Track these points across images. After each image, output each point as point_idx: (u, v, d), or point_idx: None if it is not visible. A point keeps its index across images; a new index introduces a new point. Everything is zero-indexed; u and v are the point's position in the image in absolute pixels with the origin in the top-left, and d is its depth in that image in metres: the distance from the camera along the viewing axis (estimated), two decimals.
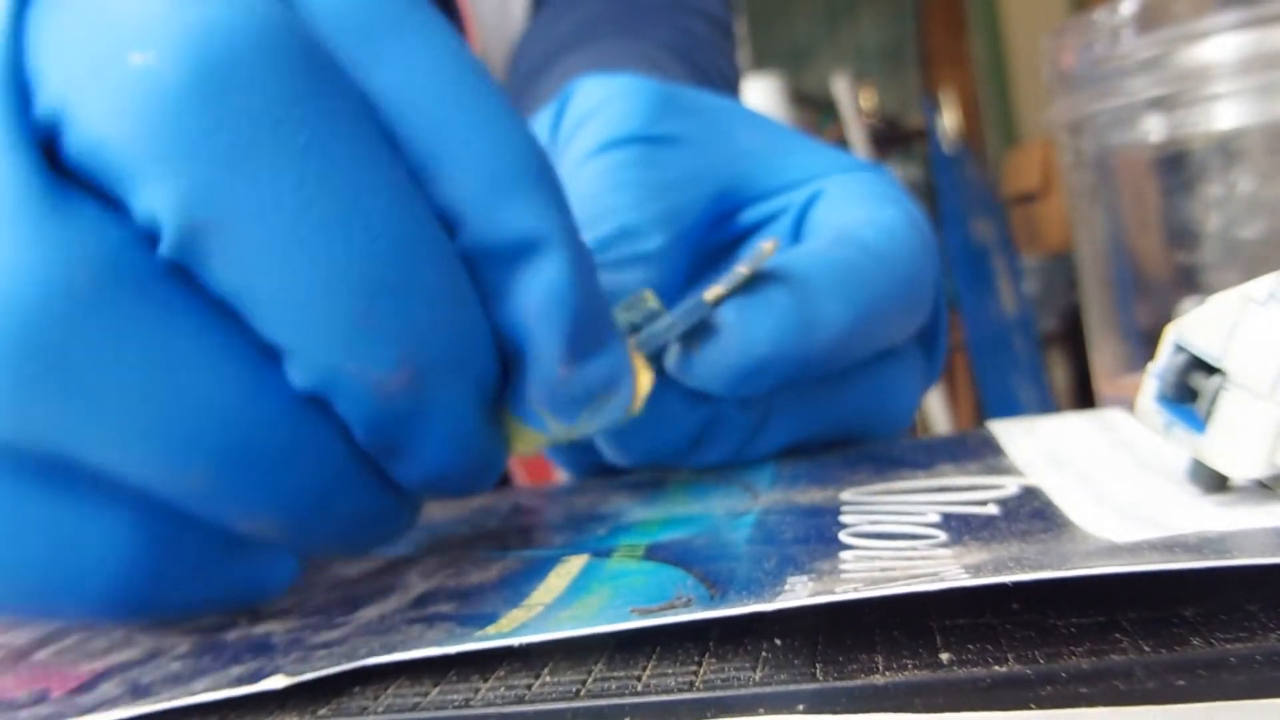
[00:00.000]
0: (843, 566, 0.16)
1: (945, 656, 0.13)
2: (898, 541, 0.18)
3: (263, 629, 0.19)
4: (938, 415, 2.02)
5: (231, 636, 0.19)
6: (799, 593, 0.15)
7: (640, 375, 0.21)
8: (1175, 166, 0.32)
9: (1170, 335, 0.18)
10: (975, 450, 0.24)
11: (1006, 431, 0.26)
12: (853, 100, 2.20)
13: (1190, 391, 0.18)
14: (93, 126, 0.16)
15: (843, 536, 0.18)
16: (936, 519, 0.19)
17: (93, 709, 0.16)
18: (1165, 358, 0.18)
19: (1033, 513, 0.18)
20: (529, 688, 0.14)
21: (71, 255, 0.16)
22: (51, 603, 0.18)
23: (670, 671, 0.14)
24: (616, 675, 0.14)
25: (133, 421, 0.16)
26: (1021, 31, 3.02)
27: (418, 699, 0.15)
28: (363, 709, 0.15)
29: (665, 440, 0.25)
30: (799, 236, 0.28)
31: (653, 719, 0.14)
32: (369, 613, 0.19)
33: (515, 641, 0.15)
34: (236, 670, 0.16)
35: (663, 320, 0.23)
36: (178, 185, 0.16)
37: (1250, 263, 0.31)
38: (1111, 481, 0.20)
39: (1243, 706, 0.12)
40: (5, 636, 0.22)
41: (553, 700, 0.14)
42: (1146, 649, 0.13)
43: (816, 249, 0.25)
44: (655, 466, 0.26)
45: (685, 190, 0.27)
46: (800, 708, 0.13)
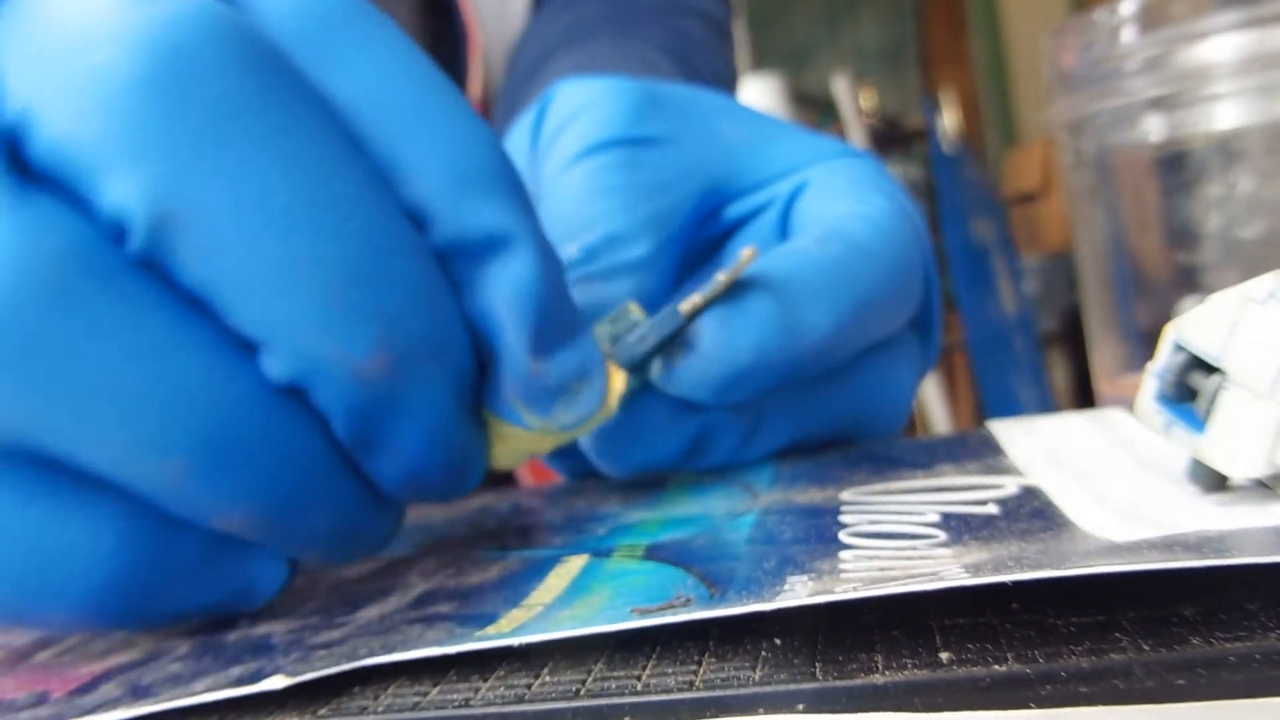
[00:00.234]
0: (842, 566, 0.16)
1: (945, 656, 0.13)
2: (897, 541, 0.18)
3: (263, 629, 0.19)
4: (938, 415, 2.02)
5: (231, 637, 0.19)
6: (799, 592, 0.15)
7: (613, 377, 0.21)
8: (1175, 166, 0.32)
9: (1170, 335, 0.18)
10: (975, 450, 0.24)
11: (1006, 431, 0.26)
12: (853, 100, 2.20)
13: (1190, 391, 0.18)
14: (56, 126, 0.16)
15: (842, 536, 0.18)
16: (936, 519, 0.19)
17: (93, 710, 0.16)
18: (1165, 357, 0.18)
19: (1032, 512, 0.18)
20: (529, 687, 0.14)
21: (39, 248, 0.16)
22: (38, 609, 0.18)
23: (670, 671, 0.14)
24: (616, 675, 0.14)
25: (106, 411, 0.16)
26: (1021, 31, 3.02)
27: (417, 699, 0.15)
28: (363, 709, 0.15)
29: (657, 451, 0.25)
30: (786, 229, 0.28)
31: (652, 719, 0.14)
32: (369, 613, 0.19)
33: (515, 642, 0.15)
34: (236, 671, 0.16)
35: (636, 331, 0.23)
36: (142, 177, 0.16)
37: (1250, 263, 0.31)
38: (1111, 481, 0.20)
39: (1242, 706, 0.12)
40: (5, 638, 0.22)
41: (552, 700, 0.14)
42: (1146, 648, 0.13)
43: (801, 248, 0.25)
44: (646, 473, 0.26)
45: (671, 191, 0.27)
46: (800, 707, 0.13)
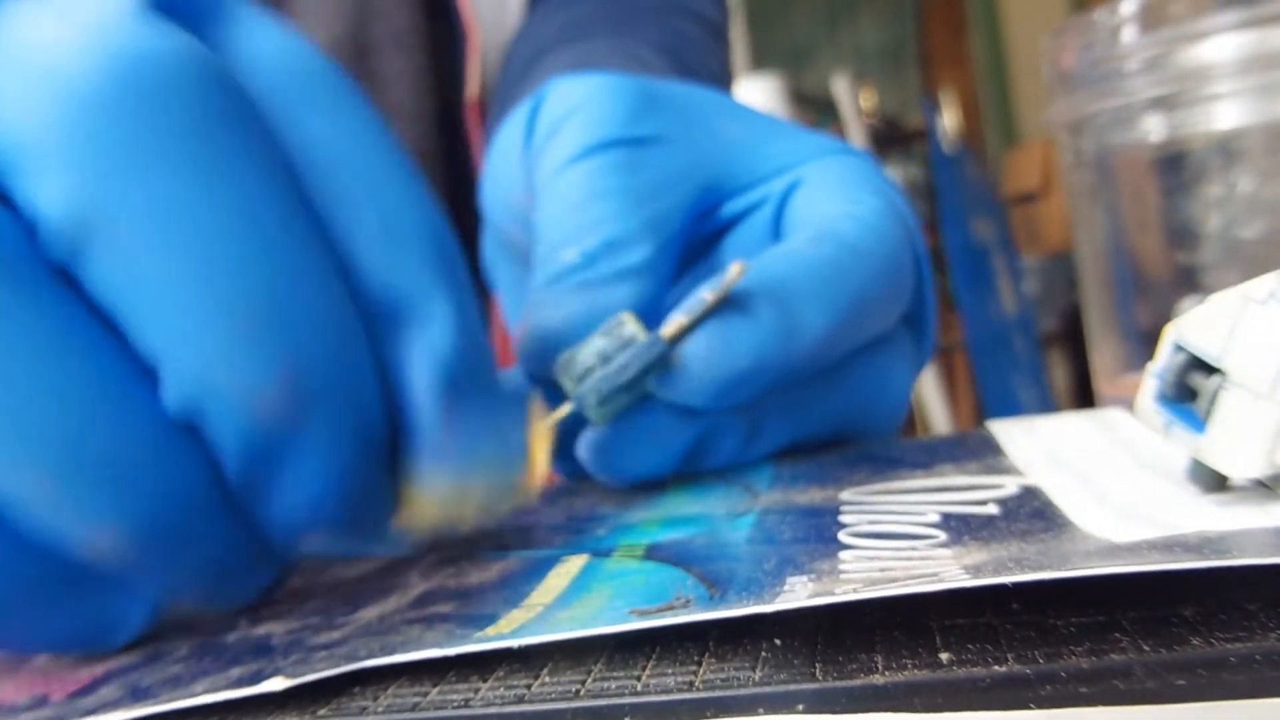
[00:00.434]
0: (842, 566, 0.16)
1: (945, 656, 0.13)
2: (897, 541, 0.18)
3: (262, 630, 0.19)
4: (938, 415, 2.02)
5: (231, 638, 0.19)
6: (799, 593, 0.15)
7: (536, 452, 0.21)
8: (1175, 166, 0.32)
9: (1170, 335, 0.18)
10: (975, 450, 0.24)
11: (1006, 431, 0.26)
12: (853, 100, 2.20)
13: (1190, 391, 0.18)
14: (12, 121, 0.17)
15: (842, 536, 0.18)
16: (936, 519, 0.19)
17: (93, 712, 0.16)
18: (1165, 357, 0.18)
19: (1032, 512, 0.18)
20: (528, 688, 0.14)
21: None
22: None
23: (670, 672, 0.14)
24: (616, 675, 0.14)
25: None
26: (1021, 31, 3.02)
27: (417, 699, 0.15)
28: (362, 709, 0.15)
29: (660, 458, 0.25)
30: (779, 227, 0.28)
31: (652, 719, 0.14)
32: (369, 613, 0.19)
33: (515, 643, 0.15)
34: (236, 672, 0.16)
35: (615, 362, 0.23)
36: (72, 180, 0.16)
37: (1250, 263, 0.31)
38: (1111, 481, 0.20)
39: (1242, 706, 0.12)
40: None
41: (552, 700, 0.14)
42: (1146, 649, 0.13)
43: (794, 249, 0.25)
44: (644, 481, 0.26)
45: (669, 192, 0.26)
46: (800, 708, 0.13)
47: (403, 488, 0.20)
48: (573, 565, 0.19)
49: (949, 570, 0.15)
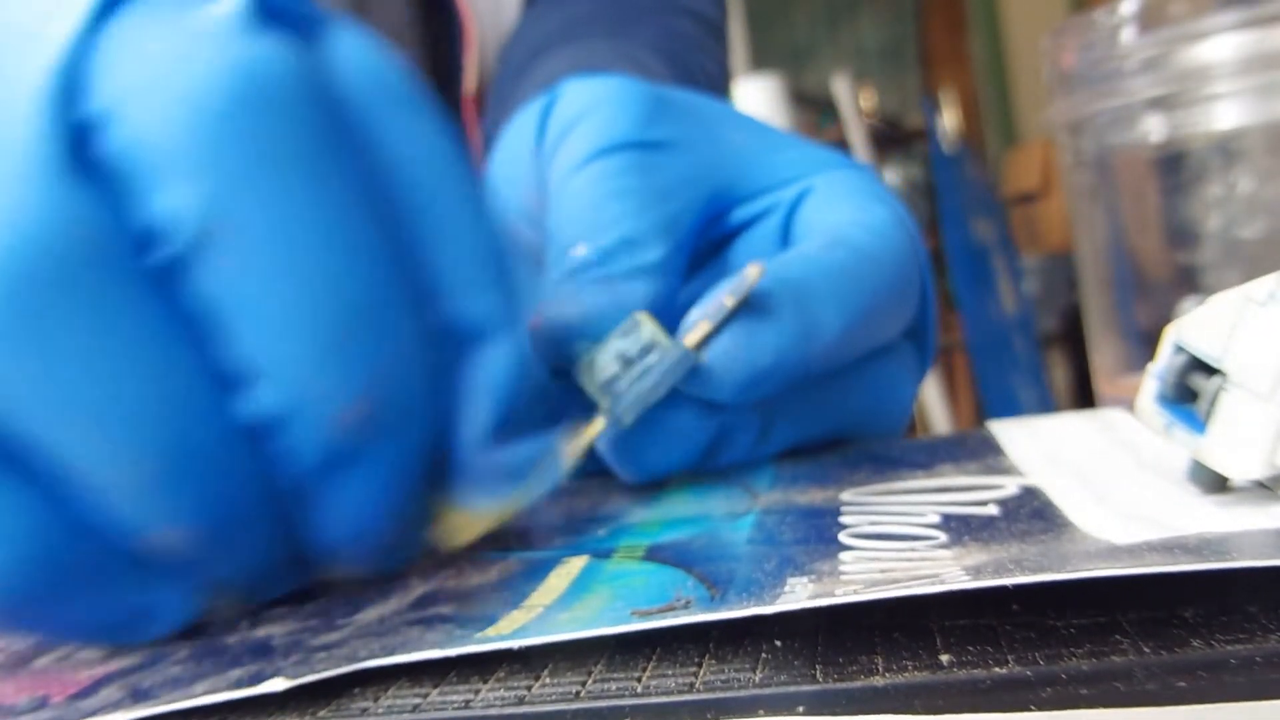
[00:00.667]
0: (842, 567, 0.16)
1: (945, 658, 0.13)
2: (897, 542, 0.18)
3: (263, 631, 0.19)
4: (938, 415, 2.02)
5: (231, 639, 0.19)
6: (799, 594, 0.15)
7: (588, 430, 0.22)
8: (1175, 166, 0.32)
9: (1170, 335, 0.18)
10: (975, 450, 0.24)
11: (1006, 431, 0.26)
12: (853, 100, 2.20)
13: (1190, 392, 0.18)
14: (134, 128, 0.17)
15: (842, 537, 0.18)
16: (936, 519, 0.19)
17: (93, 713, 0.16)
18: (1165, 358, 0.18)
19: (1033, 513, 0.18)
20: (529, 689, 0.14)
21: (68, 231, 0.16)
22: None
23: (670, 673, 0.14)
24: (616, 677, 0.14)
25: (89, 399, 0.17)
26: (1021, 31, 3.02)
27: (418, 700, 0.15)
28: (363, 710, 0.15)
29: (680, 454, 0.25)
30: (788, 234, 0.28)
31: None
32: (369, 614, 0.19)
33: (515, 644, 0.15)
34: (237, 673, 0.16)
35: (639, 367, 0.24)
36: (198, 190, 0.17)
37: (1250, 263, 0.31)
38: (1111, 482, 0.20)
39: (1243, 708, 0.12)
40: (5, 641, 0.22)
41: (553, 702, 0.14)
42: (1147, 650, 0.13)
43: (811, 253, 0.25)
44: (662, 477, 0.26)
45: (681, 195, 0.27)
46: (800, 709, 0.13)
47: (439, 506, 0.20)
48: (573, 566, 0.19)
49: (949, 571, 0.15)
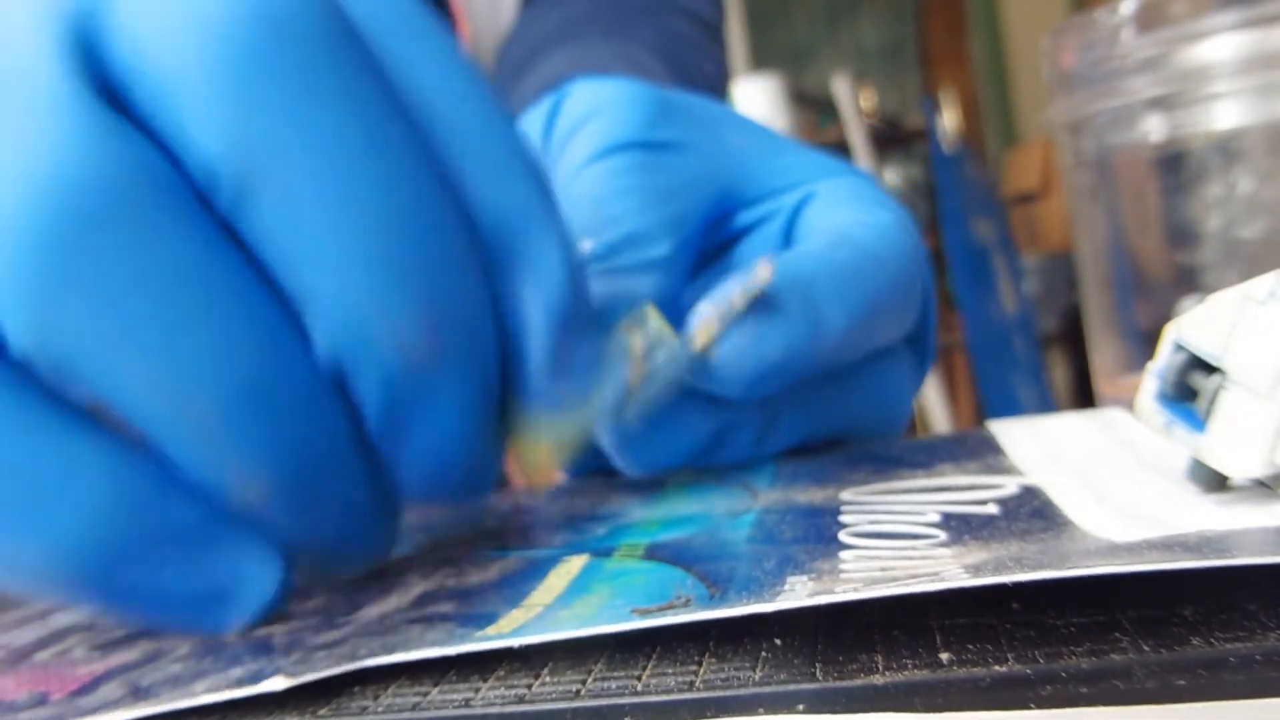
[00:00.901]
0: (842, 566, 0.16)
1: (945, 656, 0.13)
2: (897, 541, 0.18)
3: (263, 630, 0.19)
4: (938, 415, 2.02)
5: (231, 637, 0.19)
6: (799, 592, 0.15)
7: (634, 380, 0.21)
8: (1175, 166, 0.32)
9: (1170, 334, 0.18)
10: (975, 450, 0.24)
11: (1006, 431, 0.26)
12: (853, 100, 2.20)
13: (1190, 391, 0.18)
14: (166, 65, 0.17)
15: (842, 536, 0.18)
16: (936, 519, 0.19)
17: (93, 711, 0.16)
18: (1165, 357, 0.18)
19: (1032, 512, 0.18)
20: (529, 688, 0.14)
21: (124, 164, 0.16)
22: (7, 540, 0.17)
23: (670, 671, 0.14)
24: (616, 675, 0.14)
25: (151, 335, 0.16)
26: (1021, 31, 3.02)
27: (418, 699, 0.15)
28: (363, 709, 0.15)
29: (683, 447, 0.25)
30: (790, 238, 0.28)
31: (653, 719, 0.14)
32: (369, 613, 0.19)
33: (515, 642, 0.15)
34: (237, 671, 0.16)
35: (664, 371, 0.23)
36: (232, 120, 0.17)
37: (1250, 263, 0.31)
38: (1111, 481, 0.20)
39: (1242, 706, 0.12)
40: (5, 637, 0.22)
41: (553, 700, 0.14)
42: (1146, 649, 0.13)
43: (817, 250, 0.26)
44: (664, 471, 0.27)
45: (687, 195, 0.27)
46: (800, 708, 0.13)
47: (513, 432, 0.20)
48: (573, 565, 0.19)
49: (949, 570, 0.15)
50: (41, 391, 0.17)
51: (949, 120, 2.43)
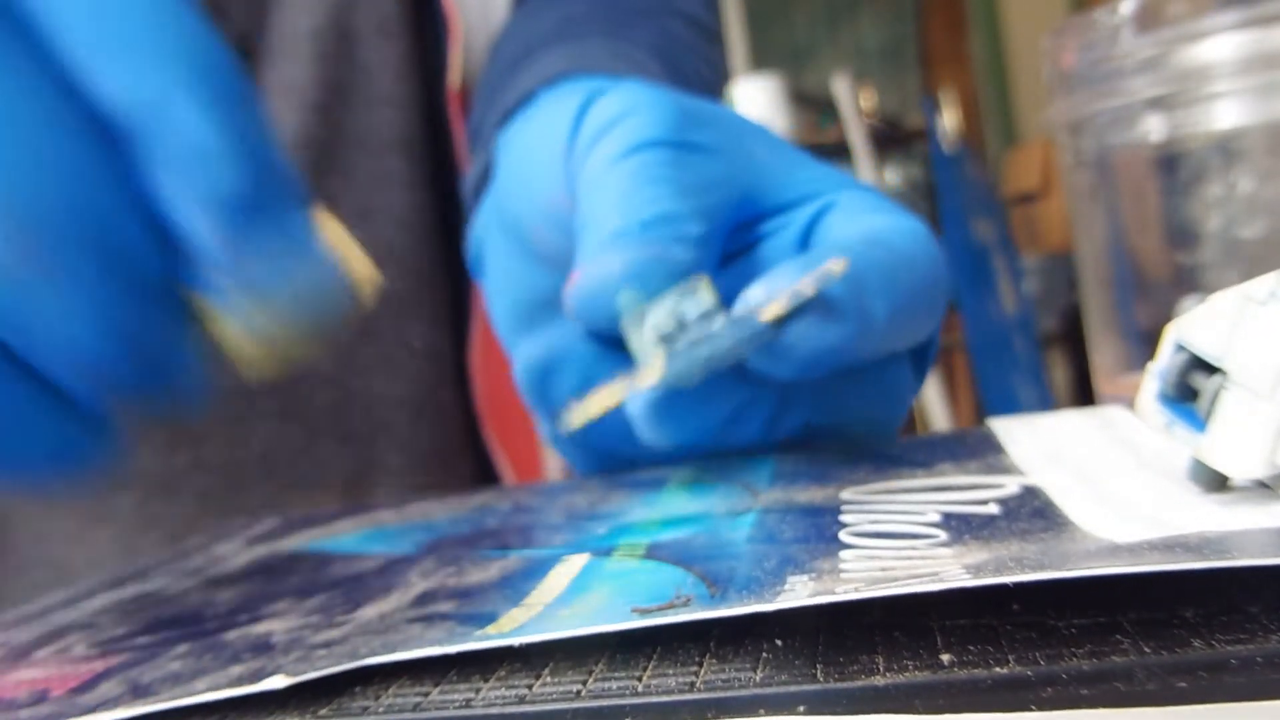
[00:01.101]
0: (843, 566, 0.16)
1: (946, 658, 0.13)
2: (898, 541, 0.18)
3: (263, 628, 0.19)
4: (938, 415, 2.02)
5: (232, 636, 0.19)
6: (799, 592, 0.15)
7: (350, 259, 0.20)
8: (1175, 166, 0.32)
9: (1171, 335, 0.18)
10: (975, 449, 0.24)
11: (1007, 430, 0.26)
12: (853, 100, 2.20)
13: (1191, 391, 0.18)
14: None
15: (843, 536, 0.18)
16: (937, 518, 0.19)
17: (93, 709, 0.16)
18: (1166, 357, 0.18)
19: (1033, 512, 0.18)
20: (529, 688, 0.14)
21: None
22: None
23: (671, 672, 0.14)
24: (617, 676, 0.14)
25: None
26: (1021, 31, 3.02)
27: (419, 699, 0.15)
28: (364, 709, 0.15)
29: (705, 420, 0.26)
30: (806, 244, 0.28)
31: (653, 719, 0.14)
32: (369, 612, 0.19)
33: (515, 641, 0.15)
34: (237, 670, 0.16)
35: (716, 345, 0.23)
36: None
37: (1250, 263, 0.31)
38: (1112, 480, 0.20)
39: (1243, 708, 0.12)
40: (5, 635, 0.22)
41: (554, 701, 0.14)
42: (1147, 650, 0.13)
43: (854, 248, 0.26)
44: (680, 449, 0.26)
45: (714, 193, 0.27)
46: (801, 709, 0.13)
47: (211, 318, 0.19)
48: (573, 564, 0.19)
49: (950, 570, 0.15)
50: None
51: (949, 120, 2.43)
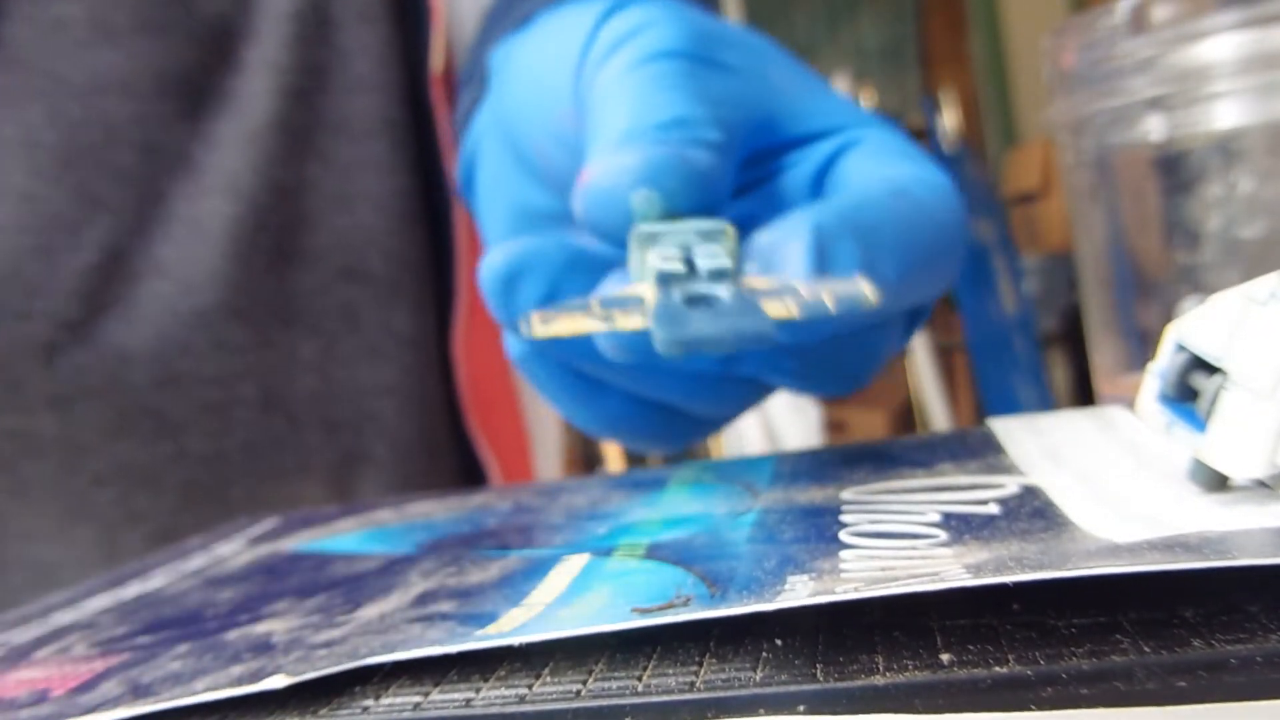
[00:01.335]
0: (843, 566, 0.16)
1: (946, 657, 0.13)
2: (898, 541, 0.18)
3: (263, 628, 0.19)
4: (938, 415, 2.02)
5: (232, 636, 0.19)
6: (799, 592, 0.15)
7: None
8: (1175, 166, 0.32)
9: (1171, 335, 0.18)
10: (975, 449, 0.24)
11: (1007, 430, 0.26)
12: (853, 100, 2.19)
13: (1191, 391, 0.18)
14: None
15: (843, 536, 0.18)
16: (937, 518, 0.19)
17: (93, 708, 0.16)
18: (1166, 357, 0.18)
19: (1033, 512, 0.18)
20: (529, 688, 0.14)
21: None
22: None
23: (671, 672, 0.14)
24: (617, 676, 0.14)
25: None
26: (1021, 31, 3.02)
27: (419, 699, 0.15)
28: (364, 709, 0.15)
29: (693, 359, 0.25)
30: (822, 182, 0.27)
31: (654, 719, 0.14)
32: (369, 611, 0.19)
33: (515, 641, 0.15)
34: (237, 670, 0.16)
35: (717, 325, 0.19)
36: None
37: (1250, 263, 0.31)
38: (1112, 480, 0.20)
39: (1243, 708, 0.12)
40: (5, 635, 0.22)
41: (553, 701, 0.14)
42: (1147, 650, 0.13)
43: (878, 198, 0.24)
44: (691, 359, 0.25)
45: (731, 110, 0.26)
46: (801, 709, 0.13)
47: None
48: (573, 564, 0.19)
49: (950, 569, 0.15)
50: None
51: (949, 120, 2.43)
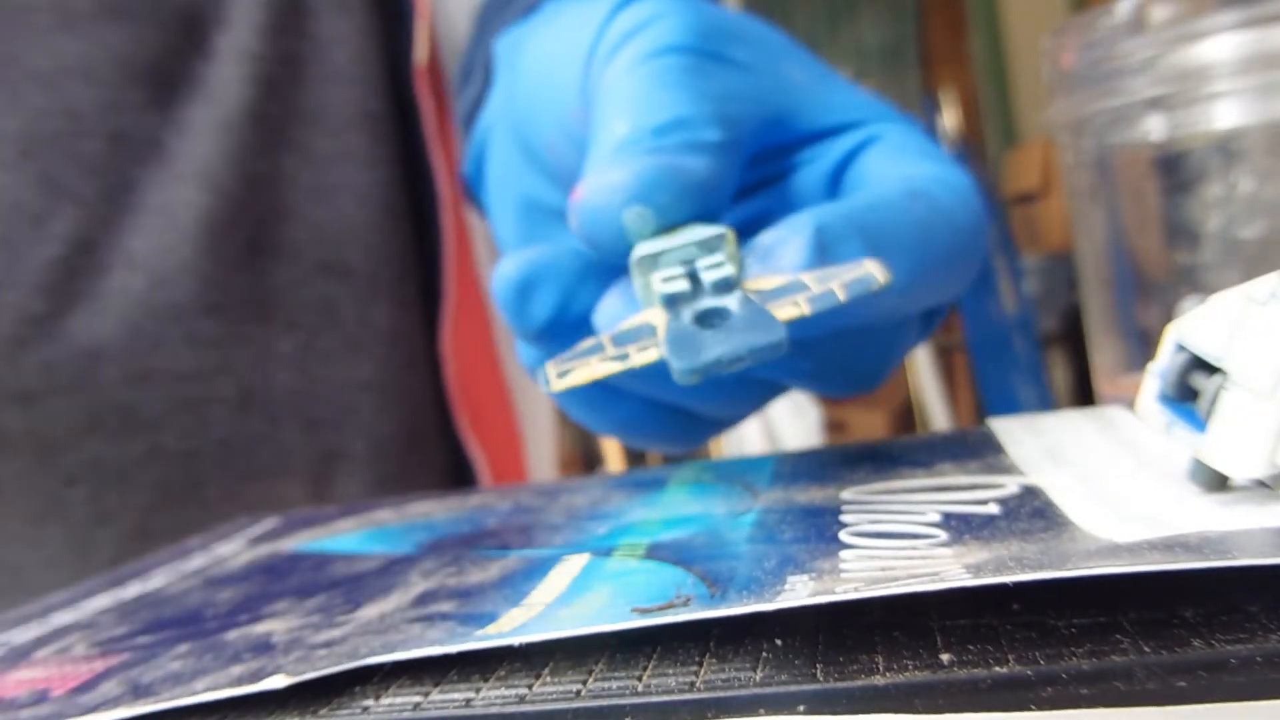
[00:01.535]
0: (843, 566, 0.16)
1: (946, 657, 0.13)
2: (898, 541, 0.18)
3: (263, 628, 0.19)
4: (938, 415, 2.02)
5: (232, 636, 0.19)
6: (799, 592, 0.15)
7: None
8: (1175, 166, 0.32)
9: (1171, 335, 0.18)
10: (975, 448, 0.24)
11: (1007, 430, 0.26)
12: None
13: (1191, 391, 0.18)
14: None
15: (843, 536, 0.18)
16: (937, 518, 0.19)
17: (93, 709, 0.16)
18: (1166, 357, 0.18)
19: (1033, 512, 0.18)
20: (529, 688, 0.14)
21: None
22: None
23: (671, 672, 0.14)
24: (617, 676, 0.14)
25: None
26: (1021, 31, 3.02)
27: (419, 699, 0.15)
28: (364, 709, 0.15)
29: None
30: (839, 181, 0.27)
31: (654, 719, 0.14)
32: (369, 611, 0.19)
33: (515, 641, 0.15)
34: (237, 670, 0.16)
35: (730, 345, 0.19)
36: None
37: (1250, 263, 0.31)
38: (1112, 480, 0.20)
39: (1243, 708, 0.12)
40: (5, 635, 0.22)
41: (553, 701, 0.14)
42: (1147, 650, 0.13)
43: (892, 199, 0.24)
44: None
45: (739, 105, 0.25)
46: (801, 709, 0.13)
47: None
48: (573, 565, 0.19)
49: (950, 569, 0.15)
50: None
51: (949, 120, 2.43)
